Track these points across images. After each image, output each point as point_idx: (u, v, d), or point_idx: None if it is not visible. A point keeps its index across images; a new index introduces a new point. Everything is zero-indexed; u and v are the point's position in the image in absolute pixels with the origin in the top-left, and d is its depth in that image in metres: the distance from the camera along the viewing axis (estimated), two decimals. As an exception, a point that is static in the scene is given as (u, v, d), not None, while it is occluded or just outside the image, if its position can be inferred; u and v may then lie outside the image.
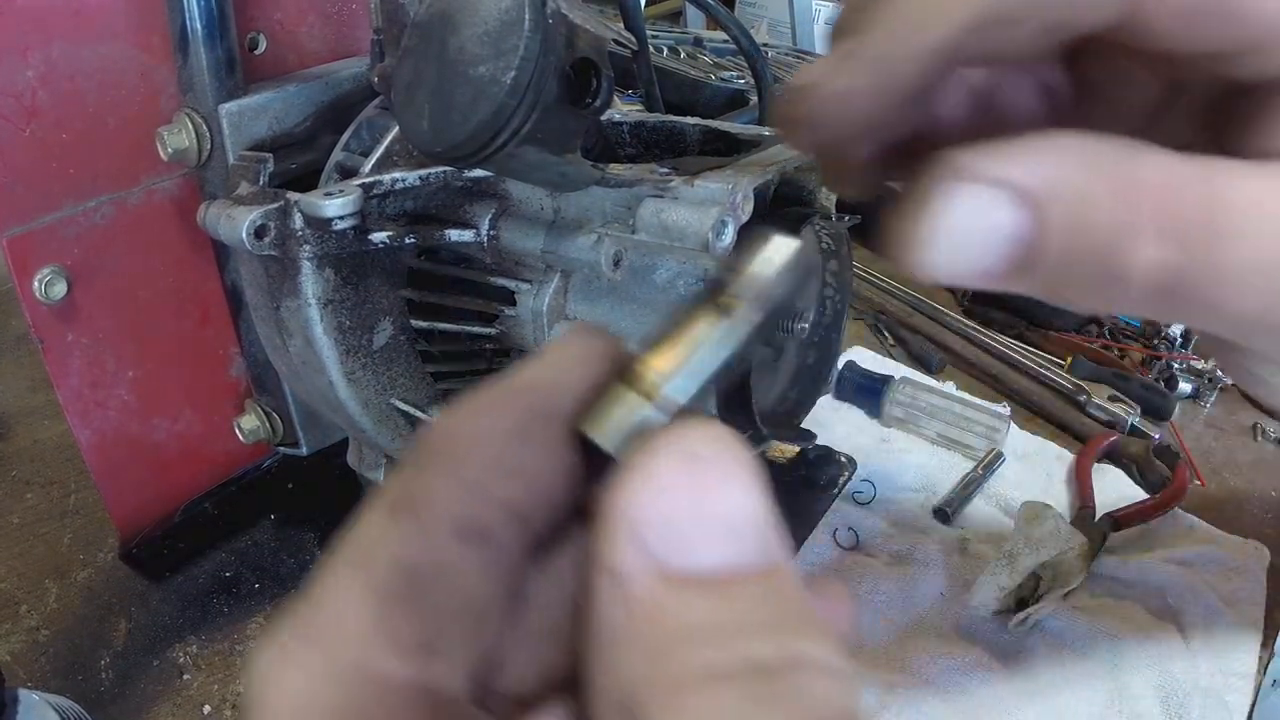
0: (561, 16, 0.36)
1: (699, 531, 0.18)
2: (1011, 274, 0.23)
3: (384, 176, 0.52)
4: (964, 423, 0.84)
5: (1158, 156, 0.22)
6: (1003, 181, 0.22)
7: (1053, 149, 0.22)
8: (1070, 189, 0.22)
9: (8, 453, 0.81)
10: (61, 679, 0.61)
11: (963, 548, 0.73)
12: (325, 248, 0.51)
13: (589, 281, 0.54)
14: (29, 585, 0.68)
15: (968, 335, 1.00)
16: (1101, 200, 0.22)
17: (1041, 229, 0.22)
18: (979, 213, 0.22)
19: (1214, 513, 0.79)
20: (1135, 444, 0.84)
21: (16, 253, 0.53)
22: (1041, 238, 0.22)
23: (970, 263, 0.23)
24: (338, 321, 0.53)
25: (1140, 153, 0.22)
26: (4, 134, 0.51)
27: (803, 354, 0.61)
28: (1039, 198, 0.22)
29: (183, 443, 0.65)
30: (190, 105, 0.56)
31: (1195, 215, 0.22)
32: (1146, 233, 0.22)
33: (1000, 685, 0.62)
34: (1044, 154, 0.22)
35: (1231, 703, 0.62)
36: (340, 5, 0.62)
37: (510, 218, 0.55)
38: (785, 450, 0.66)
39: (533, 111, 0.36)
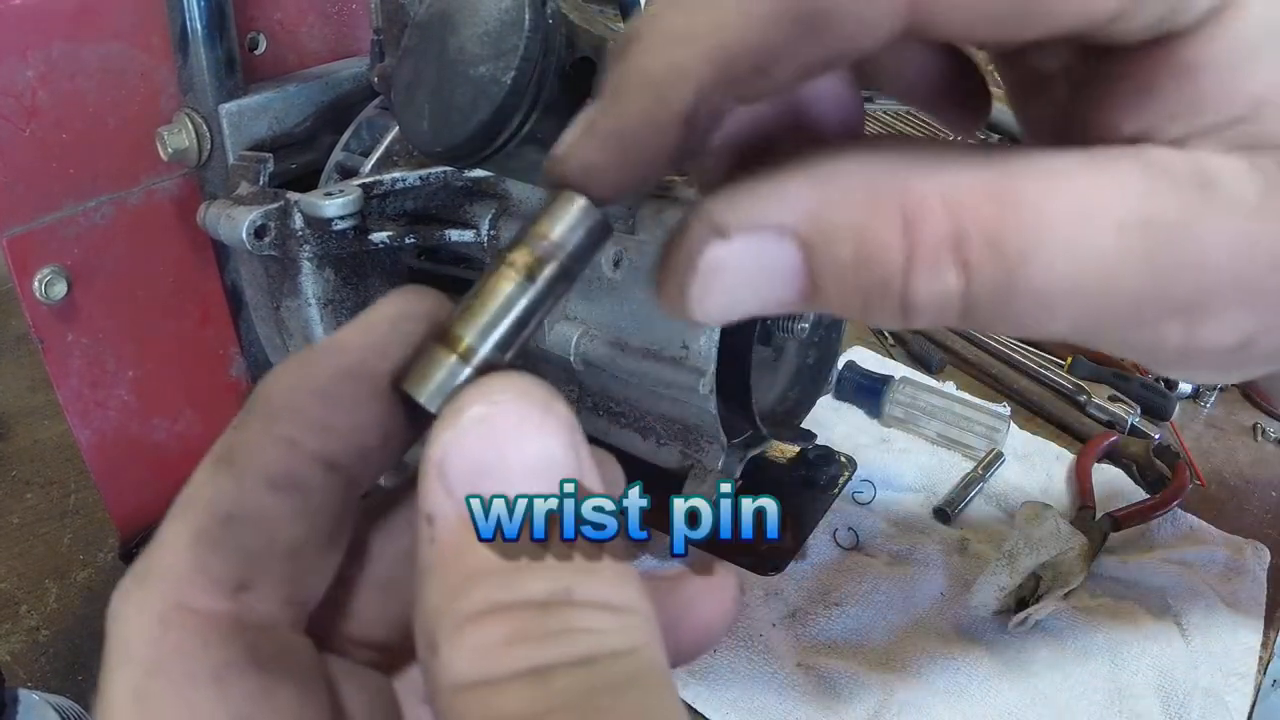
0: (561, 16, 0.36)
1: (498, 475, 0.19)
2: (796, 304, 0.22)
3: (384, 176, 0.52)
4: (964, 423, 0.84)
5: (946, 169, 0.20)
6: (763, 227, 0.21)
7: (819, 180, 0.21)
8: (838, 224, 0.20)
9: (8, 453, 0.81)
10: (61, 679, 0.61)
11: (963, 548, 0.73)
12: (325, 248, 0.51)
13: (589, 281, 0.54)
14: (29, 585, 0.68)
15: (968, 335, 1.00)
16: (876, 232, 0.20)
17: (815, 267, 0.21)
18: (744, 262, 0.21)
19: (1214, 513, 0.79)
20: (1135, 444, 0.84)
21: (16, 253, 0.53)
22: (818, 276, 0.21)
23: (747, 304, 0.22)
24: (338, 322, 0.53)
25: (925, 167, 0.20)
26: (4, 134, 0.51)
27: (803, 354, 0.61)
28: (806, 238, 0.21)
29: (183, 443, 0.65)
30: (190, 105, 0.56)
31: (986, 238, 0.19)
32: (930, 261, 0.20)
33: (1000, 685, 0.62)
34: (808, 189, 0.21)
35: (1231, 703, 0.62)
36: (340, 5, 0.62)
37: (510, 218, 0.55)
38: (785, 450, 0.66)
39: (533, 111, 0.36)
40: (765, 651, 0.64)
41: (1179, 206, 0.20)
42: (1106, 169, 0.20)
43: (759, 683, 0.62)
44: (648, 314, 0.51)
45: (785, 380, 0.60)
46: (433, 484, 0.20)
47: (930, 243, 0.20)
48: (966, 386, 0.93)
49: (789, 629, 0.66)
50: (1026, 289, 0.20)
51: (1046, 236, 0.19)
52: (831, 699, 0.61)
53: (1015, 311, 0.20)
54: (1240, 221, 0.20)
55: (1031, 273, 0.20)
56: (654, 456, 0.57)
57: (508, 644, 0.18)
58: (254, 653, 0.20)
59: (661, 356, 0.51)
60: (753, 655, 0.64)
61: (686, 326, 0.50)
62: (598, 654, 0.18)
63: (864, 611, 0.67)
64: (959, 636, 0.66)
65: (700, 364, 0.50)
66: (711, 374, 0.49)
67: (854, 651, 0.64)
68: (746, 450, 0.56)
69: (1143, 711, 0.61)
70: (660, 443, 0.56)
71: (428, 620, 0.19)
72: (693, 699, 0.61)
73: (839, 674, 0.62)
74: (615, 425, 0.58)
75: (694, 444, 0.55)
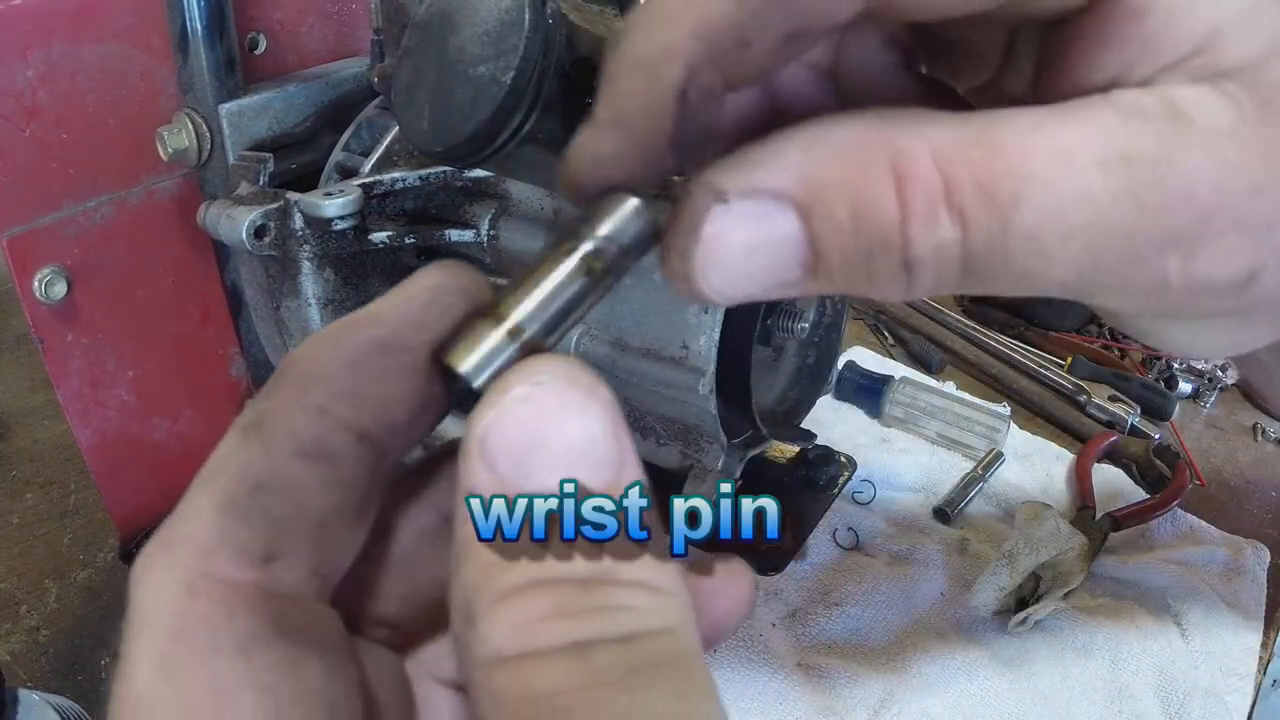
0: (561, 16, 0.36)
1: (540, 456, 0.20)
2: (803, 280, 0.22)
3: (384, 176, 0.52)
4: (964, 423, 0.84)
5: (930, 127, 0.21)
6: (760, 191, 0.21)
7: (810, 144, 0.21)
8: (832, 185, 0.21)
9: (8, 453, 0.81)
10: (61, 679, 0.61)
11: (963, 548, 0.73)
12: (325, 248, 0.51)
13: (589, 281, 0.54)
14: (29, 585, 0.68)
15: (968, 335, 1.00)
16: (875, 191, 0.20)
17: (814, 231, 0.21)
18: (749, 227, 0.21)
19: (1214, 513, 0.79)
20: (1135, 444, 0.84)
21: (17, 253, 0.53)
22: (821, 241, 0.21)
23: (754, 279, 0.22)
24: (338, 321, 0.53)
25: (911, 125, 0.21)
26: (4, 134, 0.51)
27: (803, 354, 0.61)
28: (801, 201, 0.21)
29: (183, 443, 0.65)
30: (190, 105, 0.56)
31: (976, 183, 0.20)
32: (925, 214, 0.20)
33: (1000, 685, 0.62)
34: (800, 153, 0.21)
35: (1231, 703, 0.62)
36: (340, 5, 0.62)
37: (510, 218, 0.55)
38: (785, 450, 0.66)
39: (533, 112, 0.36)
40: (765, 651, 0.64)
41: (1155, 139, 0.20)
42: (1080, 114, 0.21)
43: (759, 682, 0.62)
44: (648, 314, 0.51)
45: (785, 380, 0.60)
46: (474, 461, 0.20)
47: (923, 194, 0.20)
48: (966, 386, 0.93)
49: (789, 629, 0.66)
50: (1021, 232, 0.20)
51: (1033, 179, 0.20)
52: (831, 699, 0.61)
53: (1014, 259, 0.21)
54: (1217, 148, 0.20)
55: (1024, 215, 0.20)
56: (654, 456, 0.57)
57: (548, 619, 0.18)
58: (280, 624, 0.20)
59: (661, 356, 0.51)
60: (753, 655, 0.64)
61: (687, 326, 0.50)
62: (637, 632, 0.18)
63: (864, 611, 0.67)
64: (959, 636, 0.66)
65: (700, 364, 0.50)
66: (711, 374, 0.49)
67: (854, 651, 0.64)
68: (746, 450, 0.56)
69: (1142, 711, 0.61)
70: (660, 443, 0.56)
71: (466, 594, 0.19)
72: (693, 699, 0.61)
73: (839, 674, 0.62)
74: (615, 425, 0.58)
75: (694, 444, 0.55)
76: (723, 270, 0.22)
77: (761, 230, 0.21)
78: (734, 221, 0.21)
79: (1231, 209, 0.21)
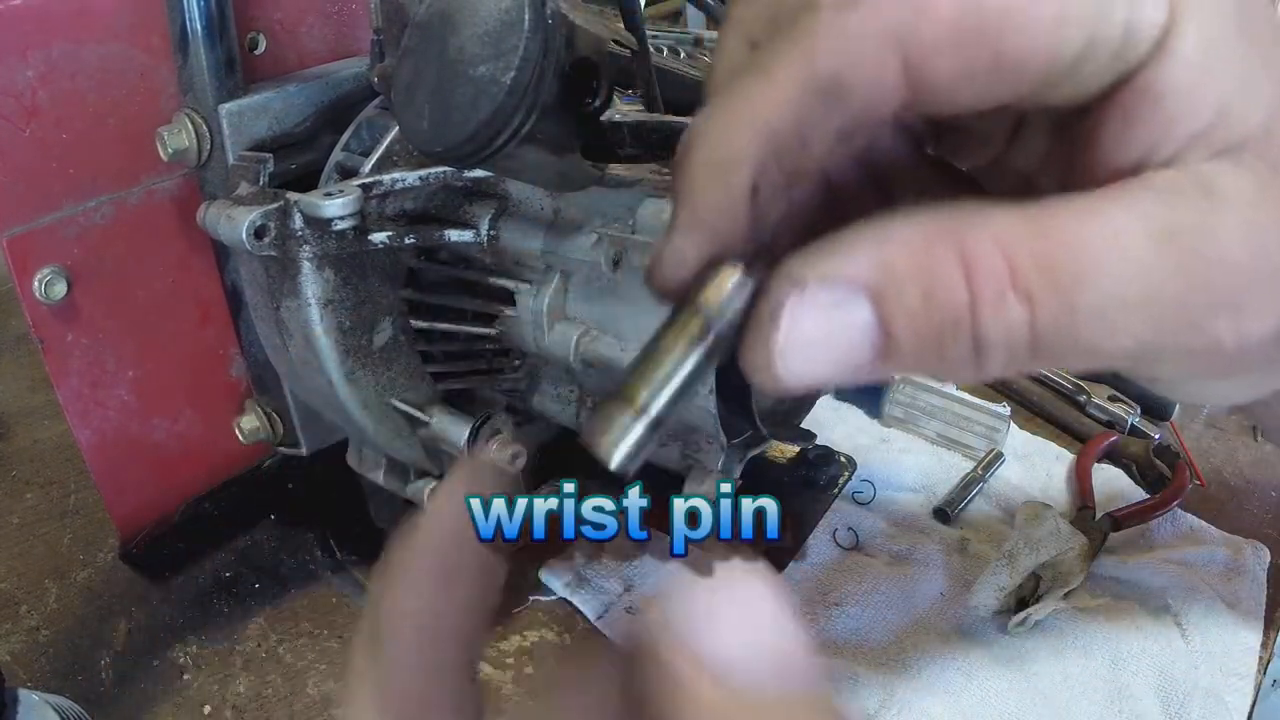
0: (561, 17, 0.36)
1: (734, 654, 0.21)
2: (875, 364, 0.24)
3: (384, 176, 0.52)
4: (964, 423, 0.84)
5: (992, 216, 0.23)
6: (840, 279, 0.23)
7: (880, 237, 0.23)
8: (904, 272, 0.23)
9: (8, 453, 0.81)
10: (61, 679, 0.61)
11: (963, 548, 0.73)
12: (325, 248, 0.51)
13: (589, 281, 0.54)
14: (29, 585, 0.68)
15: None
16: (945, 276, 0.22)
17: (887, 315, 0.23)
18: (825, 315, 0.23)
19: (1214, 513, 0.79)
20: (1135, 444, 0.84)
21: (16, 253, 0.53)
22: (893, 325, 0.23)
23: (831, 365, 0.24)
24: (338, 322, 0.53)
25: (974, 217, 0.23)
26: (4, 134, 0.51)
27: (803, 354, 0.61)
28: (875, 288, 0.23)
29: (183, 443, 0.65)
30: (190, 105, 0.56)
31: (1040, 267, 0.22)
32: (994, 297, 0.22)
33: (1000, 685, 0.62)
34: (872, 243, 0.23)
35: (1231, 703, 0.62)
36: (340, 5, 0.62)
37: (510, 218, 0.55)
38: (785, 450, 0.66)
39: (533, 112, 0.36)
40: (765, 651, 0.64)
41: (1193, 213, 0.22)
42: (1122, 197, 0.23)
43: (759, 683, 0.62)
44: (648, 314, 0.51)
45: (785, 380, 0.60)
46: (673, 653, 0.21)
47: (991, 278, 0.22)
48: (966, 386, 0.93)
49: (789, 629, 0.66)
50: (1086, 308, 0.22)
51: (1091, 258, 0.22)
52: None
53: (1080, 335, 0.22)
54: (1246, 215, 0.23)
55: (1087, 292, 0.22)
56: (654, 456, 0.57)
57: None
58: None
59: (661, 356, 0.51)
60: (753, 655, 0.64)
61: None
62: None
63: (864, 611, 0.67)
64: (959, 636, 0.66)
65: (700, 364, 0.50)
66: (711, 374, 0.49)
67: (854, 651, 0.64)
68: (746, 450, 0.56)
69: (1142, 711, 0.61)
70: (660, 443, 0.56)
71: None
72: (693, 699, 0.61)
73: (839, 674, 0.62)
74: (615, 425, 0.58)
75: (694, 444, 0.55)
76: (800, 354, 0.24)
77: (837, 316, 0.23)
78: (811, 309, 0.23)
79: (1266, 267, 0.23)
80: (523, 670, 0.63)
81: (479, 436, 0.56)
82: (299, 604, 0.68)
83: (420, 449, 0.61)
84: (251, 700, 0.61)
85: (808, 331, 0.23)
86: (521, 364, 0.60)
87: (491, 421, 0.57)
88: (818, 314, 0.23)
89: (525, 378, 0.61)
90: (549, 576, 0.69)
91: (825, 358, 0.24)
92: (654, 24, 1.61)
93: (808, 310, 0.23)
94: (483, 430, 0.56)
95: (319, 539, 0.73)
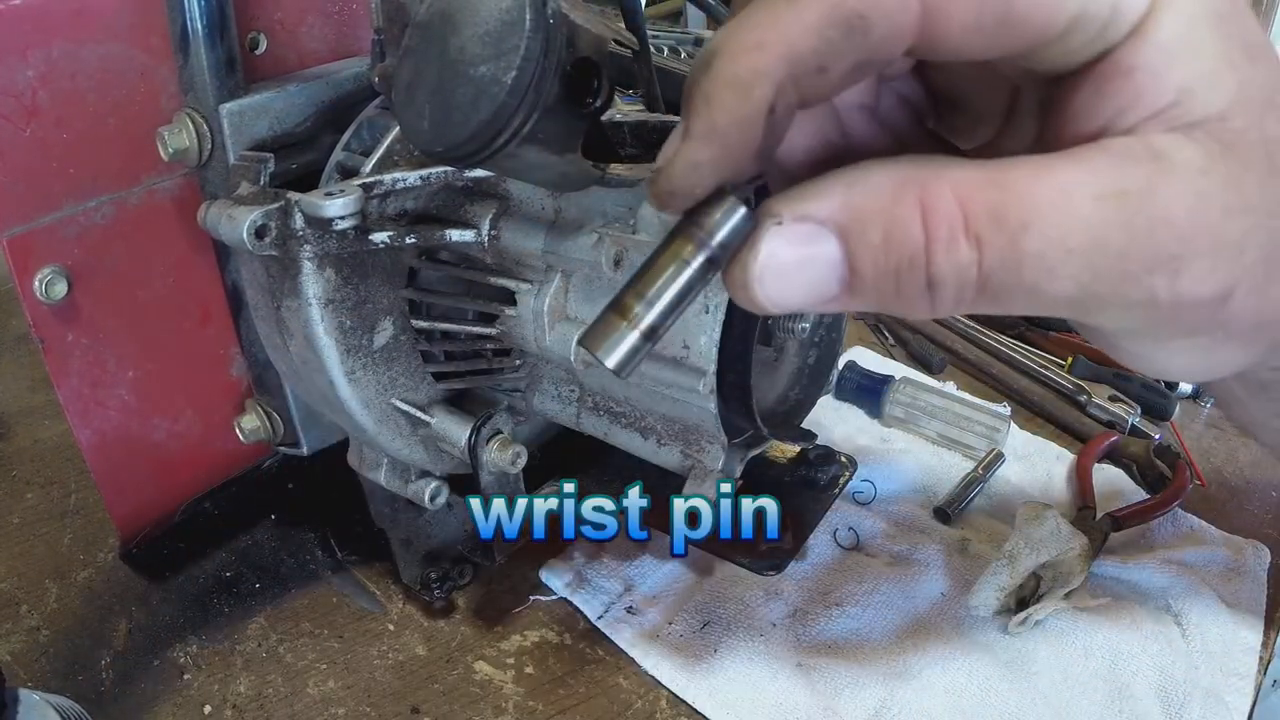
0: (562, 16, 0.36)
1: None
2: (842, 296, 0.27)
3: (384, 176, 0.52)
4: (964, 423, 0.84)
5: (954, 168, 0.25)
6: (814, 217, 0.26)
7: (850, 182, 0.26)
8: (870, 213, 0.25)
9: (8, 453, 0.81)
10: (61, 679, 0.61)
11: (963, 548, 0.73)
12: (326, 248, 0.51)
13: (590, 281, 0.54)
14: (29, 585, 0.68)
15: (968, 335, 1.00)
16: (904, 219, 0.25)
17: (854, 253, 0.26)
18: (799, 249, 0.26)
19: (1214, 513, 0.79)
20: (1135, 444, 0.84)
21: (17, 252, 0.53)
22: (856, 260, 0.26)
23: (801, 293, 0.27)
24: (338, 321, 0.53)
25: (937, 168, 0.25)
26: (4, 134, 0.51)
27: (803, 354, 0.60)
28: (842, 226, 0.26)
29: (183, 443, 0.65)
30: (191, 105, 0.56)
31: (990, 214, 0.24)
32: (946, 238, 0.25)
33: (1000, 685, 0.62)
34: (843, 187, 0.26)
35: (1231, 703, 0.62)
36: (340, 5, 0.62)
37: (511, 218, 0.55)
38: (785, 450, 0.66)
39: (533, 112, 0.36)
40: (765, 652, 0.64)
41: (1141, 174, 0.25)
42: (1078, 158, 0.25)
43: (759, 683, 0.62)
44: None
45: (786, 380, 0.60)
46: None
47: (945, 222, 0.25)
48: (966, 386, 0.93)
49: (789, 629, 0.66)
50: (1030, 252, 0.24)
51: (1039, 210, 0.24)
52: (831, 699, 0.61)
53: (1025, 277, 0.25)
54: (1191, 182, 0.25)
55: (1031, 239, 0.24)
56: (654, 456, 0.57)
57: None
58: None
59: (662, 356, 0.51)
60: (753, 655, 0.64)
61: (687, 326, 0.50)
62: None
63: (864, 612, 0.67)
64: (959, 636, 0.66)
65: (701, 364, 0.50)
66: (712, 374, 0.49)
67: (854, 651, 0.64)
68: (747, 450, 0.56)
69: (1142, 711, 0.61)
70: (660, 443, 0.56)
71: None
72: (692, 699, 0.61)
73: (839, 674, 0.62)
74: (616, 425, 0.58)
75: (694, 444, 0.55)
76: (775, 280, 0.27)
77: (807, 249, 0.26)
78: (785, 242, 0.26)
79: (1206, 232, 0.25)
80: (523, 670, 0.63)
81: (479, 436, 0.56)
82: (299, 604, 0.68)
83: (421, 449, 0.61)
84: (251, 700, 0.61)
85: (783, 260, 0.26)
86: (522, 364, 0.60)
87: (492, 421, 0.57)
88: (792, 247, 0.26)
89: (526, 378, 0.61)
90: (549, 576, 0.69)
91: (797, 285, 0.27)
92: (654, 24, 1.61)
93: (783, 243, 0.26)
94: (483, 430, 0.56)
95: (319, 539, 0.73)
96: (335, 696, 0.61)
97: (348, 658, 0.64)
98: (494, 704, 0.61)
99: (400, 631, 0.66)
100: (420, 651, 0.65)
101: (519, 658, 0.64)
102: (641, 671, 0.63)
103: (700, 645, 0.64)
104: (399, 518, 0.68)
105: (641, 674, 0.63)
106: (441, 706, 0.61)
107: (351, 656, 0.64)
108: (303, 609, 0.68)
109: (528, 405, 0.62)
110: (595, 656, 0.65)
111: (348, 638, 0.66)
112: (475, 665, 0.64)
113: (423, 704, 0.61)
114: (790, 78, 0.25)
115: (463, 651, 0.65)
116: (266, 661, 0.63)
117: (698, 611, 0.67)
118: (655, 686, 0.62)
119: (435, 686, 0.62)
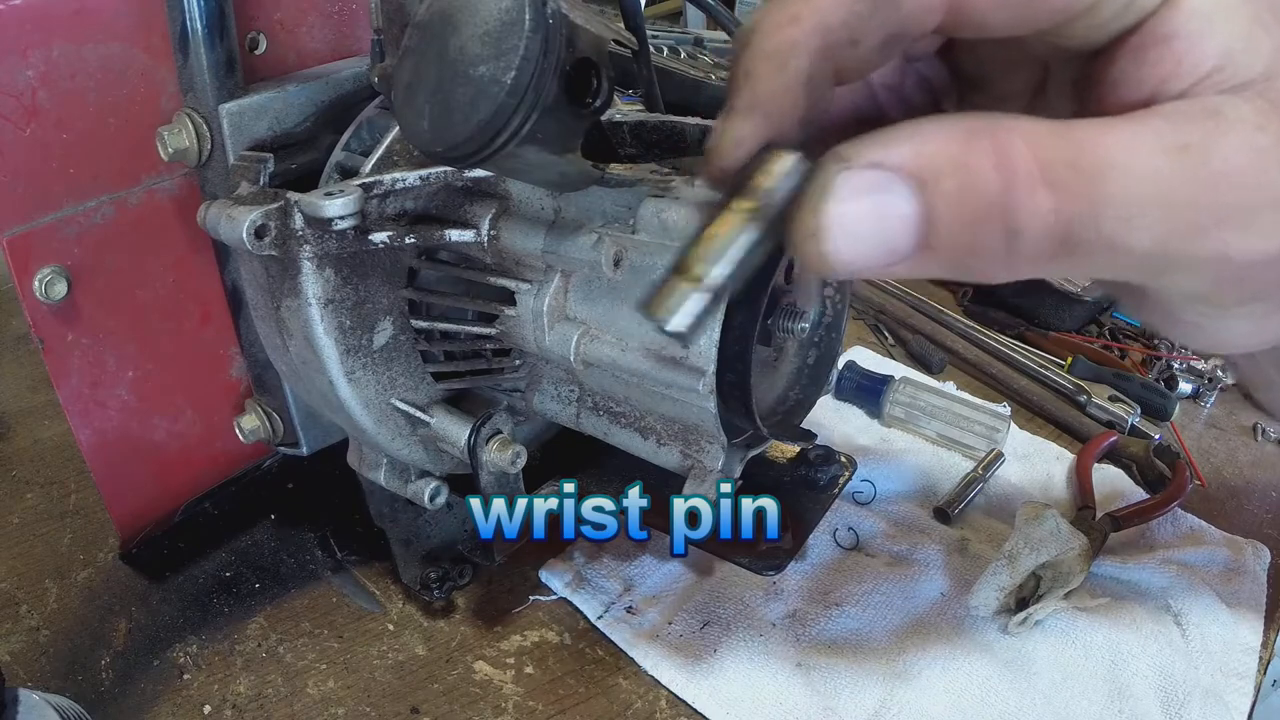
0: (562, 16, 0.36)
1: None
2: (915, 253, 0.25)
3: (384, 176, 0.52)
4: (964, 423, 0.84)
5: (1024, 122, 0.25)
6: (886, 164, 0.24)
7: (929, 130, 0.25)
8: (949, 162, 0.24)
9: (8, 453, 0.81)
10: (61, 679, 0.61)
11: (963, 548, 0.73)
12: (325, 248, 0.51)
13: (589, 281, 0.54)
14: (29, 585, 0.68)
15: (968, 335, 1.00)
16: (980, 166, 0.24)
17: (931, 203, 0.24)
18: (871, 198, 0.25)
19: (1214, 513, 0.79)
20: (1135, 444, 0.84)
21: (17, 252, 0.53)
22: (933, 211, 0.24)
23: (874, 248, 0.25)
24: (338, 321, 0.53)
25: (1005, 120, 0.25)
26: (4, 134, 0.51)
27: (803, 354, 0.60)
28: (922, 175, 0.24)
29: (183, 443, 0.65)
30: (190, 105, 0.56)
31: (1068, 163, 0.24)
32: (1028, 186, 0.24)
33: (1000, 685, 0.62)
34: (914, 136, 0.25)
35: (1231, 703, 0.62)
36: (340, 5, 0.62)
37: (510, 218, 0.55)
38: (785, 450, 0.66)
39: (533, 112, 0.36)
40: (765, 651, 0.64)
41: (1200, 130, 0.25)
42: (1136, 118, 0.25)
43: (759, 682, 0.62)
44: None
45: (785, 380, 0.60)
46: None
47: (1021, 169, 0.24)
48: (966, 386, 0.93)
49: (789, 629, 0.66)
50: (1108, 199, 0.24)
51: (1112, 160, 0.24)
52: (831, 699, 0.61)
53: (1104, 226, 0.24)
54: (1249, 136, 0.25)
55: (1109, 184, 0.24)
56: (654, 456, 0.57)
57: None
58: None
59: (662, 356, 0.51)
60: (753, 655, 0.64)
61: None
62: None
63: (864, 612, 0.67)
64: (959, 636, 0.66)
65: (700, 364, 0.50)
66: (711, 374, 0.49)
67: (854, 651, 0.64)
68: (747, 450, 0.56)
69: (1142, 711, 0.61)
70: (660, 443, 0.56)
71: None
72: (692, 698, 0.61)
73: (839, 674, 0.62)
74: (615, 425, 0.58)
75: (694, 444, 0.55)
76: (847, 234, 0.25)
77: (879, 198, 0.25)
78: (857, 190, 0.25)
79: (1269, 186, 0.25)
80: (523, 670, 0.63)
81: (479, 436, 0.56)
82: (299, 604, 0.68)
83: (420, 449, 0.61)
84: (251, 700, 0.61)
85: (854, 212, 0.25)
86: (522, 364, 0.60)
87: (491, 421, 0.57)
88: (864, 197, 0.25)
89: (525, 377, 0.61)
90: (549, 576, 0.69)
91: (870, 239, 0.25)
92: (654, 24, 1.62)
93: (854, 191, 0.25)
94: (483, 430, 0.56)
95: (319, 539, 0.73)
96: (335, 696, 0.61)
97: (347, 658, 0.64)
98: (494, 704, 0.61)
99: (400, 631, 0.66)
100: (420, 651, 0.65)
101: (519, 658, 0.64)
102: (641, 671, 0.63)
103: (700, 645, 0.64)
104: (398, 518, 0.68)
105: (641, 674, 0.63)
106: (441, 706, 0.61)
107: (351, 656, 0.64)
108: (302, 609, 0.68)
109: (527, 405, 0.62)
110: (595, 656, 0.65)
111: (347, 638, 0.66)
112: (475, 665, 0.64)
113: (422, 704, 0.61)
114: (823, 49, 0.26)
115: (462, 651, 0.65)
116: (266, 661, 0.63)
117: (697, 611, 0.67)
118: (655, 686, 0.63)
119: (435, 686, 0.62)
